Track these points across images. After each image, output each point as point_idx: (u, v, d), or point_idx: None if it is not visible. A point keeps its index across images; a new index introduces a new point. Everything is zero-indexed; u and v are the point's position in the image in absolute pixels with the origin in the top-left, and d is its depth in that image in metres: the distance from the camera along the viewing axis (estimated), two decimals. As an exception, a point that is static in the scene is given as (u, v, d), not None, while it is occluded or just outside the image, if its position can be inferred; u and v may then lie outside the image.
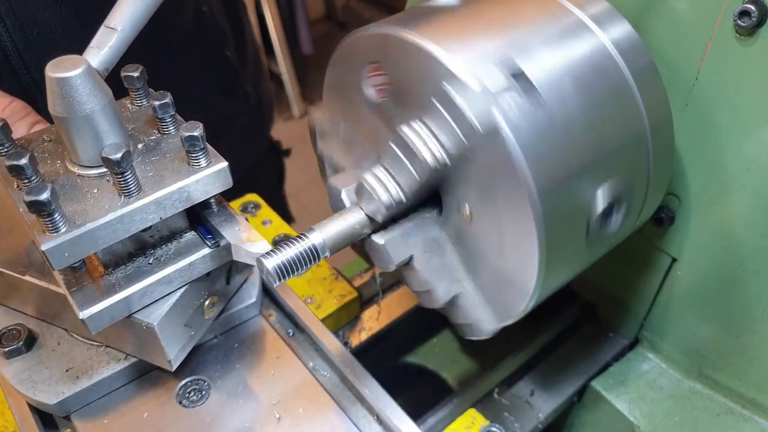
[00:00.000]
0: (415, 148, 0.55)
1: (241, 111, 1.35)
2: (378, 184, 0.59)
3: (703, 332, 0.80)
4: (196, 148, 0.59)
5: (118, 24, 0.59)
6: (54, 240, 0.53)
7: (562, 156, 0.54)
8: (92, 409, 0.67)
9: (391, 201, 0.59)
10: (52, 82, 0.54)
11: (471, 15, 0.59)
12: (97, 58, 0.59)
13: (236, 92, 1.33)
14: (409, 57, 0.56)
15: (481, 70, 0.53)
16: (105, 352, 0.69)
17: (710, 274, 0.76)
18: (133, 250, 0.63)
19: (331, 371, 0.74)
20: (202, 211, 0.66)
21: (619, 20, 0.62)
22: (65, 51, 0.57)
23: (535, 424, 0.83)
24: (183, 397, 0.69)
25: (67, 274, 0.60)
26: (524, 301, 0.58)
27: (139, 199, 0.57)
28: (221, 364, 0.72)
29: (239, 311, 0.75)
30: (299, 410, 0.68)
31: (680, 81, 0.69)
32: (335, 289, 0.92)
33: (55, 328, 0.71)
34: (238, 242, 0.62)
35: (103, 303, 0.58)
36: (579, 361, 0.90)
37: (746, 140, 0.66)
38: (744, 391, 0.77)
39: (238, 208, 1.01)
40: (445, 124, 0.54)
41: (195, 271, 0.64)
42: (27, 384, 0.65)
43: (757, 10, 0.59)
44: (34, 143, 0.64)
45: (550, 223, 0.54)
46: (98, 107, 0.56)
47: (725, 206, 0.70)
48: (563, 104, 0.54)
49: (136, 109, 0.68)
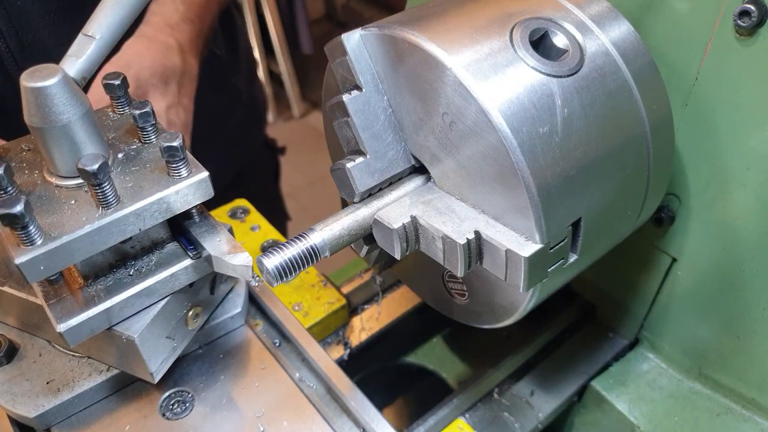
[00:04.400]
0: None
1: (235, 107, 1.35)
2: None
3: (703, 332, 0.80)
4: (176, 158, 0.58)
5: (96, 32, 0.58)
6: (28, 253, 0.51)
7: (561, 156, 0.54)
8: (73, 421, 0.66)
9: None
10: (28, 92, 0.53)
11: (469, 14, 0.59)
12: (75, 66, 0.57)
13: (228, 89, 1.33)
14: (409, 57, 0.57)
15: (481, 68, 0.53)
16: (87, 364, 0.67)
17: (710, 274, 0.76)
18: (113, 261, 0.61)
19: (318, 382, 0.73)
20: (183, 221, 0.64)
21: (619, 20, 0.62)
22: (60, 59, 0.56)
23: (535, 424, 0.83)
24: (166, 410, 0.68)
25: (45, 286, 0.59)
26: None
27: (117, 210, 0.55)
28: (205, 376, 0.71)
29: (224, 321, 0.74)
30: (284, 422, 0.67)
31: (680, 81, 0.69)
32: (323, 297, 0.91)
33: (36, 339, 0.69)
34: (220, 254, 0.61)
35: (82, 316, 0.57)
36: (579, 361, 0.90)
37: (746, 140, 0.66)
38: (744, 391, 0.77)
39: (227, 214, 0.99)
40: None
41: (177, 283, 0.63)
42: (7, 396, 0.64)
43: (757, 10, 0.59)
44: (12, 152, 0.63)
45: (550, 224, 0.54)
46: (75, 117, 0.54)
47: (725, 206, 0.70)
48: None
49: (117, 117, 0.67)
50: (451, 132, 0.56)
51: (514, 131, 0.51)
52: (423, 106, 0.58)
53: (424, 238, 0.59)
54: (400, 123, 0.62)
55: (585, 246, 0.60)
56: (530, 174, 0.52)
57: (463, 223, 0.57)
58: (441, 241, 0.57)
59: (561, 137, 0.54)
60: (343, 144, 0.64)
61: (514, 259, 0.54)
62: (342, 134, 0.63)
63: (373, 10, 4.14)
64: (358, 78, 0.60)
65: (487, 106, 0.52)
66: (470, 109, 0.53)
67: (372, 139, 0.61)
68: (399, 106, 0.61)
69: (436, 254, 0.59)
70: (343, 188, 0.63)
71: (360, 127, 0.60)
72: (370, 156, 0.61)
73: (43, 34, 0.94)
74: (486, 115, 0.52)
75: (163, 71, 0.91)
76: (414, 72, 0.57)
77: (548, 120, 0.53)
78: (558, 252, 0.56)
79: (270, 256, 0.57)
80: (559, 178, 0.54)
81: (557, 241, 0.56)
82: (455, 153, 0.57)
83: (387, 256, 0.72)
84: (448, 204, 0.60)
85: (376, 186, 0.62)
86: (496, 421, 0.83)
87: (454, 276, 0.67)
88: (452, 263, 0.57)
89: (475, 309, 0.69)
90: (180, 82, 0.93)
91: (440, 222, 0.58)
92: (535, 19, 0.58)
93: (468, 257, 0.56)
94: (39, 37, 0.94)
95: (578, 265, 0.62)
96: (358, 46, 0.60)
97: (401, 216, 0.59)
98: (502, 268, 0.55)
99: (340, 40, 0.59)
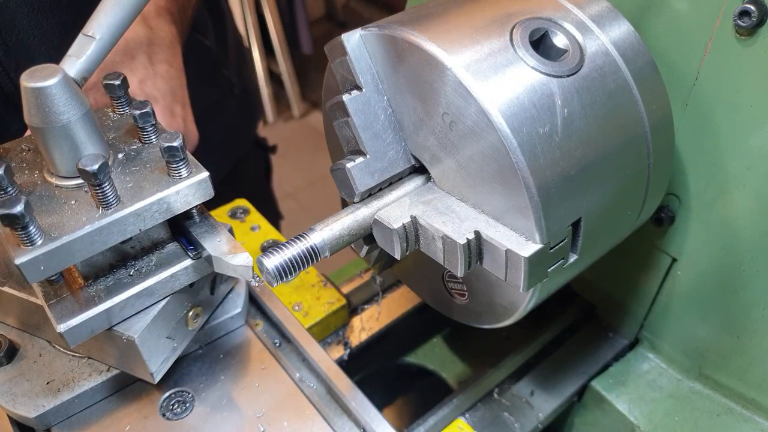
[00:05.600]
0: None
1: (226, 99, 1.32)
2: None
3: (703, 332, 0.80)
4: (176, 159, 0.58)
5: (96, 32, 0.58)
6: (29, 253, 0.51)
7: (561, 156, 0.54)
8: (73, 422, 0.66)
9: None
10: (28, 92, 0.53)
11: (469, 14, 0.59)
12: (75, 66, 0.57)
13: (218, 80, 1.30)
14: (410, 57, 0.57)
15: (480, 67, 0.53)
16: (87, 364, 0.67)
17: (710, 274, 0.76)
18: (113, 261, 0.61)
19: (318, 383, 0.73)
20: (183, 221, 0.64)
21: (619, 20, 0.62)
22: (45, 58, 0.55)
23: (535, 424, 0.83)
24: (166, 410, 0.68)
25: (45, 287, 0.59)
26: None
27: (117, 210, 0.55)
28: (205, 376, 0.71)
29: (224, 321, 0.74)
30: (284, 423, 0.67)
31: (680, 81, 0.69)
32: (323, 297, 0.91)
33: (37, 339, 0.69)
34: (220, 254, 0.61)
35: (82, 316, 0.57)
36: (579, 361, 0.90)
37: (746, 140, 0.66)
38: (744, 391, 0.77)
39: (227, 214, 0.99)
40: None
41: (177, 283, 0.63)
42: (7, 396, 0.64)
43: (757, 10, 0.59)
44: (12, 153, 0.63)
45: (550, 224, 0.54)
46: (75, 117, 0.54)
47: (725, 206, 0.70)
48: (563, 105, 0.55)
49: (117, 117, 0.67)
50: (451, 132, 0.56)
51: (514, 131, 0.51)
52: (423, 106, 0.58)
53: (424, 238, 0.59)
54: (400, 123, 0.62)
55: (585, 246, 0.60)
56: (530, 174, 0.52)
57: (463, 223, 0.57)
58: (441, 241, 0.57)
59: (561, 137, 0.54)
60: (343, 144, 0.64)
61: (514, 259, 0.54)
62: (342, 134, 0.63)
63: (373, 10, 4.14)
64: (358, 78, 0.60)
65: (487, 106, 0.52)
66: (470, 109, 0.53)
67: (372, 139, 0.61)
68: (399, 106, 0.61)
69: (436, 254, 0.59)
70: (343, 188, 0.63)
71: (360, 127, 0.60)
72: (370, 156, 0.61)
73: (27, 34, 0.93)
74: (486, 115, 0.52)
75: (125, 45, 0.83)
76: (414, 72, 0.57)
77: (548, 120, 0.53)
78: (558, 252, 0.56)
79: (270, 256, 0.57)
80: (559, 178, 0.54)
81: (557, 241, 0.56)
82: (455, 153, 0.57)
83: (387, 256, 0.72)
84: (448, 204, 0.60)
85: (376, 186, 0.62)
86: (496, 421, 0.83)
87: (454, 276, 0.67)
88: (452, 263, 0.57)
89: (475, 309, 0.69)
90: (149, 52, 0.86)
91: (440, 222, 0.58)
92: (535, 19, 0.58)
93: (468, 257, 0.56)
94: (23, 37, 0.92)
95: (578, 265, 0.62)
96: (358, 46, 0.60)
97: (401, 216, 0.59)
98: (502, 268, 0.55)
99: (340, 40, 0.59)
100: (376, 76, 0.61)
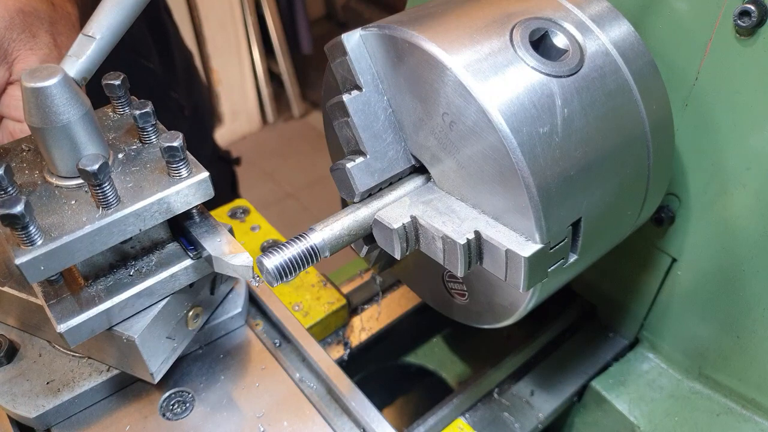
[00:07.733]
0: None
1: (177, 122, 1.29)
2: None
3: (703, 332, 0.80)
4: (176, 159, 0.58)
5: (97, 32, 0.57)
6: (29, 253, 0.51)
7: (561, 156, 0.54)
8: (73, 422, 0.66)
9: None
10: (28, 92, 0.53)
11: (469, 14, 0.59)
12: (75, 66, 0.57)
13: (167, 103, 1.27)
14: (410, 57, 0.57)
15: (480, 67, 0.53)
16: (87, 364, 0.67)
17: (710, 274, 0.76)
18: (113, 261, 0.61)
19: (318, 383, 0.73)
20: (184, 221, 0.64)
21: (619, 20, 0.62)
22: None
23: (535, 424, 0.83)
24: (166, 410, 0.68)
25: (45, 287, 0.59)
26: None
27: (117, 210, 0.55)
28: (206, 376, 0.71)
29: (224, 321, 0.74)
30: (284, 423, 0.67)
31: (680, 81, 0.69)
32: (323, 297, 0.92)
33: (37, 339, 0.70)
34: (220, 254, 0.61)
35: (82, 316, 0.57)
36: (579, 361, 0.90)
37: (746, 140, 0.66)
38: (744, 391, 0.77)
39: (227, 214, 0.99)
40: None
41: (177, 283, 0.63)
42: (7, 397, 0.64)
43: (757, 10, 0.59)
44: (12, 153, 0.63)
45: (550, 224, 0.54)
46: (75, 117, 0.54)
47: (725, 206, 0.70)
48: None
49: (117, 117, 0.67)
50: (451, 132, 0.56)
51: (514, 131, 0.51)
52: (423, 106, 0.58)
53: (424, 238, 0.59)
54: (400, 123, 0.62)
55: (585, 246, 0.60)
56: (530, 174, 0.52)
57: (463, 223, 0.57)
58: (441, 241, 0.57)
59: (561, 137, 0.54)
60: (343, 144, 0.64)
61: (514, 259, 0.54)
62: (342, 134, 0.63)
63: (373, 10, 4.14)
64: (358, 78, 0.60)
65: (487, 106, 0.52)
66: (470, 109, 0.53)
67: (372, 139, 0.61)
68: (399, 106, 0.61)
69: (436, 254, 0.59)
70: (343, 188, 0.63)
71: (360, 127, 0.60)
72: (370, 156, 0.61)
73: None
74: (486, 115, 0.52)
75: (23, 20, 0.76)
76: (414, 72, 0.57)
77: (548, 120, 0.53)
78: (558, 252, 0.56)
79: (270, 256, 0.57)
80: (559, 178, 0.54)
81: (557, 241, 0.56)
82: (455, 153, 0.57)
83: (387, 256, 0.72)
84: (448, 204, 0.60)
85: (376, 186, 0.62)
86: (496, 421, 0.83)
87: (454, 276, 0.67)
88: (452, 263, 0.57)
89: (475, 309, 0.69)
90: (52, 31, 0.79)
91: (440, 222, 0.58)
92: (535, 19, 0.58)
93: (468, 257, 0.56)
94: None
95: (578, 265, 0.62)
96: (358, 46, 0.60)
97: (401, 216, 0.59)
98: (502, 268, 0.55)
99: (340, 40, 0.59)
100: (376, 76, 0.61)
